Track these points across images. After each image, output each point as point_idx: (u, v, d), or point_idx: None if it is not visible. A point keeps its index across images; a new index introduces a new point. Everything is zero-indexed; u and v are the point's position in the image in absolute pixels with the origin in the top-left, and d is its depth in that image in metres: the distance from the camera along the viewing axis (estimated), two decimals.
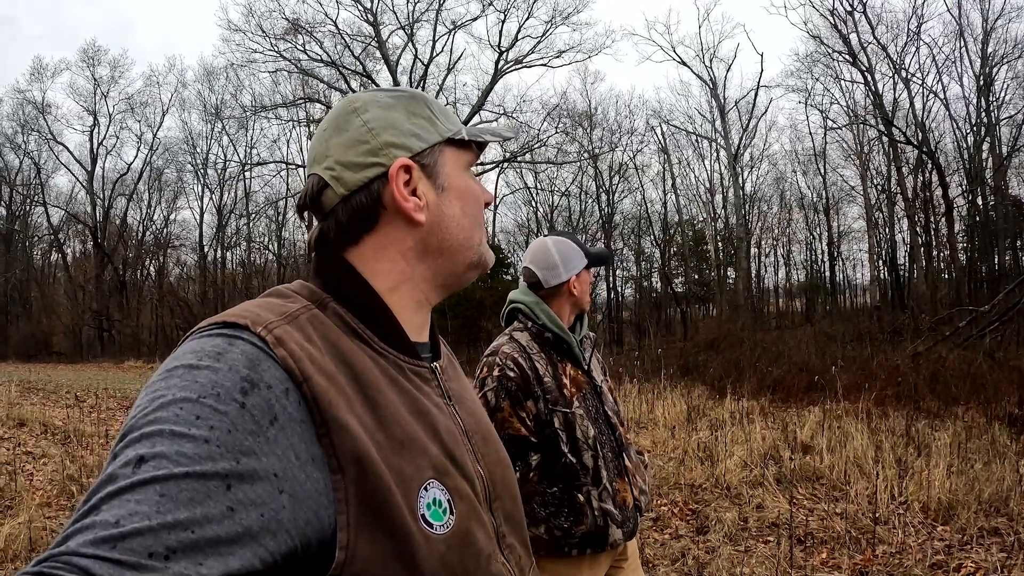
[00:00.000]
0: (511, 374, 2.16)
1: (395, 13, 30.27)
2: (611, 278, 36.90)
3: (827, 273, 37.09)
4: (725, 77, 39.95)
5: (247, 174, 38.13)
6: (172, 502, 0.59)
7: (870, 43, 26.79)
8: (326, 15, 29.35)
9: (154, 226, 42.23)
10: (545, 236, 2.44)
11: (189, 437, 0.63)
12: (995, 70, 26.00)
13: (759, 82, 33.19)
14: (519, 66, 31.26)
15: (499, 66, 31.03)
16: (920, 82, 27.36)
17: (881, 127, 26.68)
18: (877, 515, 5.11)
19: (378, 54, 30.18)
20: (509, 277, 27.95)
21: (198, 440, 0.63)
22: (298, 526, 0.67)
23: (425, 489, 0.80)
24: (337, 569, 0.69)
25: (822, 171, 34.96)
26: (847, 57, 27.56)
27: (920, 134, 26.25)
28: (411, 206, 0.91)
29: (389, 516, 0.74)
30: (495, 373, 2.17)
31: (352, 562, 0.70)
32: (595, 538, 2.13)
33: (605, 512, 2.14)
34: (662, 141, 36.88)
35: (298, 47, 29.57)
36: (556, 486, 2.14)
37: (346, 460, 0.72)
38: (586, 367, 2.34)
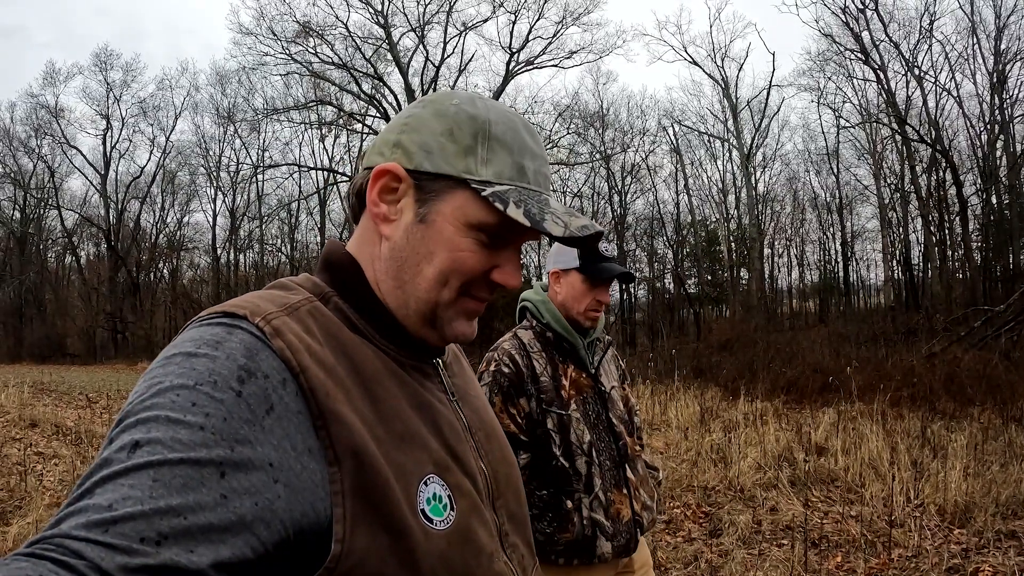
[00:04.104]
0: (505, 370, 2.13)
1: (406, 15, 30.33)
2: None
3: (841, 273, 36.93)
4: (737, 77, 39.90)
5: (259, 177, 38.33)
6: (165, 488, 0.59)
7: (882, 41, 26.66)
8: (337, 18, 29.50)
9: (167, 229, 42.50)
10: None
11: (184, 423, 0.63)
12: (1008, 67, 25.79)
13: (771, 81, 33.05)
14: (530, 67, 31.34)
15: (510, 67, 31.10)
16: (933, 80, 27.19)
17: (894, 126, 26.52)
18: (893, 518, 5.06)
19: (389, 56, 30.28)
20: (521, 278, 27.92)
21: (193, 427, 0.63)
22: (293, 517, 0.66)
23: (425, 484, 0.79)
24: (333, 562, 0.68)
25: (835, 170, 34.82)
26: (859, 55, 27.41)
27: (934, 132, 26.07)
28: (379, 211, 0.87)
29: (387, 510, 0.72)
30: (491, 368, 2.15)
31: (348, 555, 0.69)
32: (581, 548, 2.06)
33: (594, 522, 2.07)
34: (674, 141, 36.84)
35: (309, 50, 29.73)
36: (546, 489, 2.09)
37: (343, 452, 0.71)
38: (592, 370, 2.27)
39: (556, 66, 31.53)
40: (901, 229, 31.63)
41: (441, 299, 0.86)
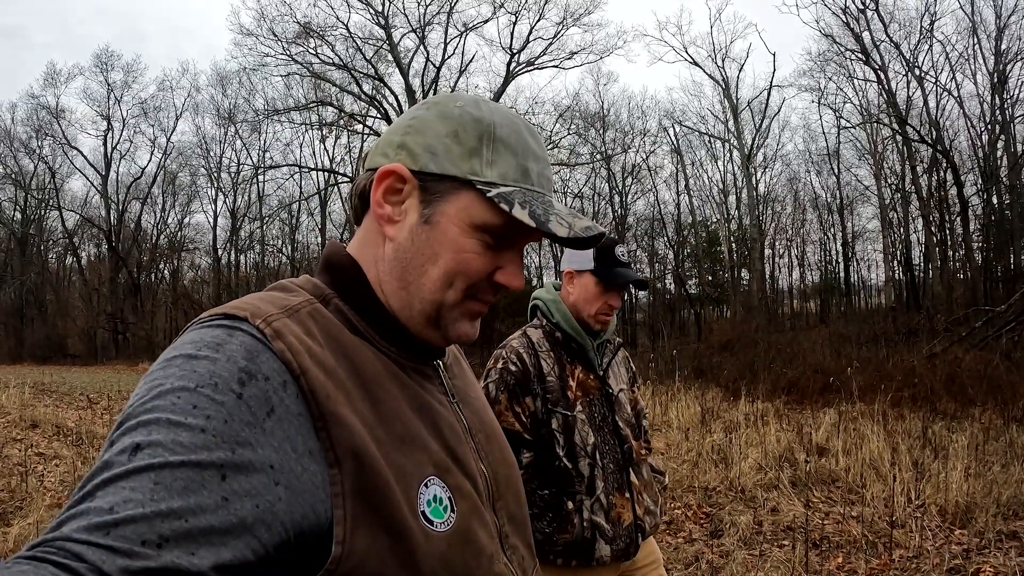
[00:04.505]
0: (512, 368, 2.13)
1: (406, 16, 30.39)
2: None
3: (841, 274, 36.91)
4: (737, 77, 40.00)
5: (260, 177, 38.35)
6: (166, 490, 0.59)
7: (883, 41, 26.64)
8: (337, 19, 29.50)
9: (168, 229, 42.53)
10: None
11: (185, 426, 0.63)
12: (1009, 67, 25.75)
13: (771, 82, 33.03)
14: (531, 68, 31.36)
15: (511, 68, 31.11)
16: (933, 80, 27.18)
17: (895, 126, 26.50)
18: (894, 518, 5.05)
19: (390, 57, 30.29)
20: None
21: (194, 429, 0.63)
22: (294, 519, 0.66)
23: (425, 486, 0.78)
24: (333, 563, 0.68)
25: (836, 171, 34.80)
26: (860, 56, 27.39)
27: (934, 133, 26.06)
28: (384, 212, 0.87)
29: (387, 512, 0.72)
30: (498, 366, 2.16)
31: (349, 557, 0.69)
32: (580, 550, 2.06)
33: (594, 525, 2.07)
34: (675, 142, 36.85)
35: (310, 51, 29.74)
36: (548, 489, 2.09)
37: (344, 454, 0.71)
38: (600, 372, 2.26)
39: (557, 67, 31.61)
40: (902, 229, 31.62)
41: (446, 300, 0.86)
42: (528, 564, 0.95)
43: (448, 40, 30.92)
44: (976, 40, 26.48)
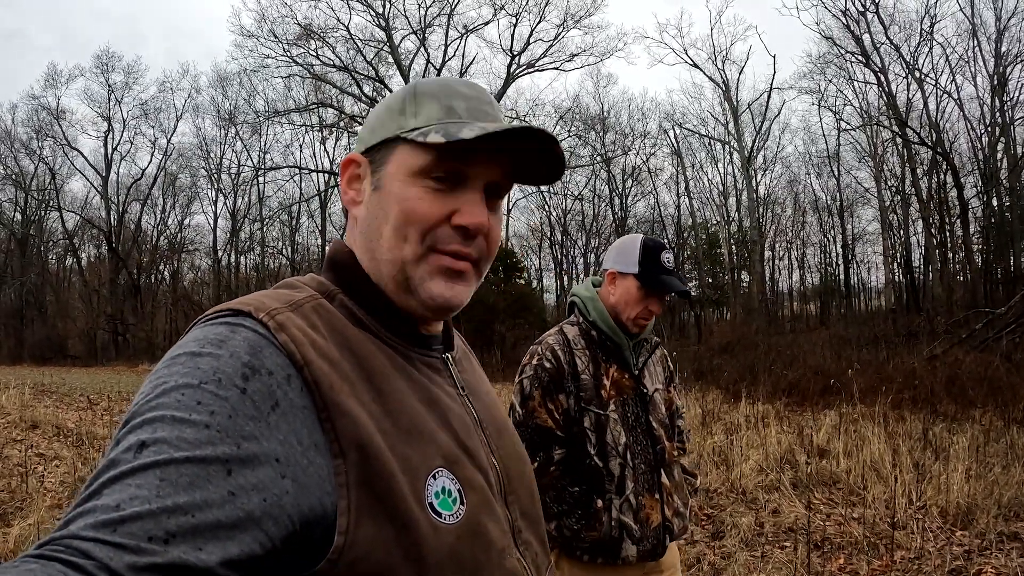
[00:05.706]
0: (547, 365, 2.14)
1: (407, 18, 30.44)
2: None
3: (841, 276, 36.95)
4: (738, 79, 40.10)
5: (260, 179, 38.39)
6: (172, 486, 0.59)
7: (883, 43, 26.68)
8: (338, 20, 29.57)
9: (168, 231, 42.60)
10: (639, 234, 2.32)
11: (190, 422, 0.63)
12: (1009, 69, 25.80)
13: (772, 84, 33.23)
14: (531, 70, 31.44)
15: (511, 70, 31.18)
16: (934, 82, 27.20)
17: (895, 128, 26.53)
18: (895, 520, 5.04)
19: (390, 59, 30.35)
20: (522, 281, 27.94)
21: (199, 425, 0.63)
22: (301, 511, 0.67)
23: (433, 478, 0.78)
24: (335, 553, 0.68)
25: (836, 173, 34.86)
26: (860, 58, 27.44)
27: (934, 135, 26.07)
28: (346, 199, 0.92)
29: (392, 502, 0.72)
30: (533, 362, 2.16)
31: (352, 547, 0.69)
32: (606, 548, 2.06)
33: (622, 525, 2.07)
34: (675, 144, 36.91)
35: (310, 52, 29.84)
36: (578, 487, 2.09)
37: (348, 445, 0.71)
38: (635, 372, 2.24)
39: (557, 69, 31.72)
40: (902, 231, 31.66)
41: (405, 256, 0.85)
42: (542, 561, 0.94)
43: (449, 42, 31.08)
44: (976, 42, 26.54)
